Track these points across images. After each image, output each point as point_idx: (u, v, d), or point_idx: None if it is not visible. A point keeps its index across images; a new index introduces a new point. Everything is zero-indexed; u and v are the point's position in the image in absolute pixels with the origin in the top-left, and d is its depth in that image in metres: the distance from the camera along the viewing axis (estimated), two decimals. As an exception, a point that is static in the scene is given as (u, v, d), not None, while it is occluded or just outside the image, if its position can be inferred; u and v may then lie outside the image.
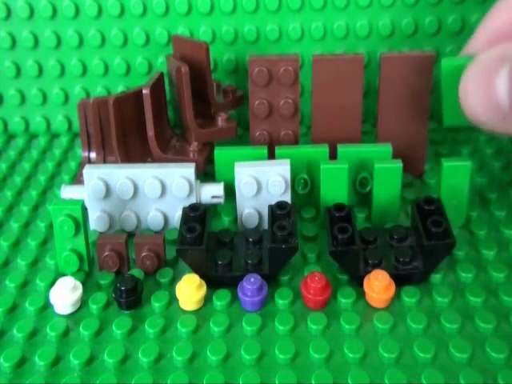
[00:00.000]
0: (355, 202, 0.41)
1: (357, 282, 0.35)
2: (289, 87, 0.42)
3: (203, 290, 0.34)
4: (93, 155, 0.45)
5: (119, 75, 0.51)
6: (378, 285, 0.33)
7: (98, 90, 0.52)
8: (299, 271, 0.36)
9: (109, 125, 0.43)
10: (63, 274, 0.36)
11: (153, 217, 0.40)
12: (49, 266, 0.38)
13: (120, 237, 0.36)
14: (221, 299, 0.34)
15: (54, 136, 0.53)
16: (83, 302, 0.35)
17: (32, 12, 0.49)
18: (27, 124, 0.53)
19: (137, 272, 0.36)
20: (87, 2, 0.49)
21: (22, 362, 0.31)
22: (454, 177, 0.38)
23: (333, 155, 0.40)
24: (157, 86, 0.43)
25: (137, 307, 0.34)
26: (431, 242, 0.34)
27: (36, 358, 0.31)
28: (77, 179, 0.44)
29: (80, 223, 0.36)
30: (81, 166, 0.45)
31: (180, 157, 0.43)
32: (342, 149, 0.40)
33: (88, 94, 0.52)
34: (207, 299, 0.34)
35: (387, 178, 0.38)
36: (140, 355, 0.31)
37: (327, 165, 0.39)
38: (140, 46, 0.50)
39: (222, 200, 0.40)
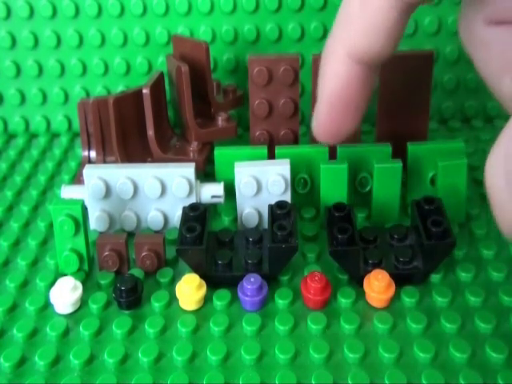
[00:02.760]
0: (355, 201, 0.41)
1: (357, 281, 0.35)
2: (289, 87, 0.42)
3: (203, 290, 0.34)
4: (93, 155, 0.45)
5: (119, 75, 0.51)
6: (378, 285, 0.33)
7: (98, 90, 0.52)
8: (299, 271, 0.36)
9: (109, 125, 0.43)
10: (63, 274, 0.36)
11: (153, 216, 0.40)
12: (49, 265, 0.38)
13: (120, 237, 0.36)
14: (221, 299, 0.34)
15: (54, 136, 0.53)
16: (83, 302, 0.35)
17: (32, 12, 0.49)
18: (27, 124, 0.53)
19: (137, 272, 0.36)
20: (87, 1, 0.49)
21: (21, 362, 0.31)
22: (451, 175, 0.38)
23: (332, 155, 0.40)
24: (157, 86, 0.43)
25: (137, 307, 0.34)
26: (431, 241, 0.34)
27: (36, 358, 0.31)
28: (77, 179, 0.44)
29: (80, 223, 0.36)
30: (81, 165, 0.45)
31: (180, 157, 0.43)
32: (341, 149, 0.40)
33: (88, 94, 0.52)
34: (207, 299, 0.34)
35: (387, 177, 0.38)
36: (140, 355, 0.31)
37: (327, 164, 0.39)
38: (140, 46, 0.50)
39: (222, 200, 0.40)
